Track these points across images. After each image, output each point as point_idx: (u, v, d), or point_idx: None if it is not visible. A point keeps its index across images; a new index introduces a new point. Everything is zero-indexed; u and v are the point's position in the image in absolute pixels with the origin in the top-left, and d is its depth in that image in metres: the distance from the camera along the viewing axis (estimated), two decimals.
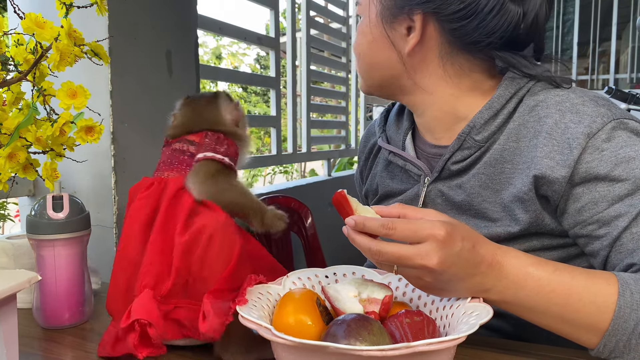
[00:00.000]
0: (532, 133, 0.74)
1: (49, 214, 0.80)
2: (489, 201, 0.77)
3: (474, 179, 0.78)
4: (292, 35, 2.61)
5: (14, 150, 0.76)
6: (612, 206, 0.68)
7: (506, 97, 0.77)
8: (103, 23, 1.17)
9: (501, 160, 0.76)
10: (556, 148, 0.71)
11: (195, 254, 0.68)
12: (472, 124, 0.77)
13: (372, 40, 0.82)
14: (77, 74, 0.83)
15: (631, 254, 0.67)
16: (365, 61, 0.84)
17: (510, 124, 0.76)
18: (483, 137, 0.77)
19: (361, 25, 0.83)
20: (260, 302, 0.63)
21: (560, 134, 0.71)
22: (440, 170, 0.81)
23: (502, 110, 0.77)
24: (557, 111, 0.73)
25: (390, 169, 0.93)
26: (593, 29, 5.38)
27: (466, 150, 0.78)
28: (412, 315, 0.58)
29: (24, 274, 0.63)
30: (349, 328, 0.53)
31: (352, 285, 0.63)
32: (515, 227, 0.74)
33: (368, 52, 0.83)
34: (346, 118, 3.37)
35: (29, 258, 0.87)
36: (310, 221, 2.45)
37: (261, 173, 6.21)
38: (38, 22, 0.73)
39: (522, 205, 0.73)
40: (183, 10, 1.45)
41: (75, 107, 0.78)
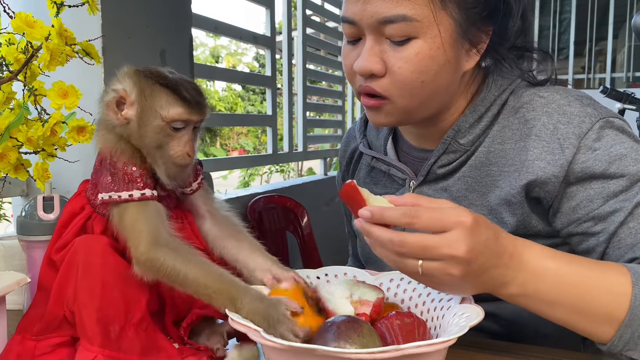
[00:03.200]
0: (517, 135, 0.74)
1: (40, 215, 0.79)
2: (476, 204, 0.76)
3: (459, 182, 0.78)
4: (288, 34, 2.61)
5: (4, 150, 0.76)
6: (607, 202, 0.69)
7: (490, 100, 0.76)
8: (96, 22, 1.16)
9: (487, 163, 0.76)
10: (546, 149, 0.71)
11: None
12: (457, 128, 0.76)
13: (445, 63, 0.69)
14: (70, 74, 0.83)
15: (632, 249, 0.67)
16: (427, 91, 0.71)
17: (495, 127, 0.76)
18: (468, 140, 0.76)
19: (423, 49, 0.68)
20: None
21: (549, 135, 0.71)
22: (425, 174, 0.80)
23: (486, 113, 0.76)
24: (544, 113, 0.73)
25: (374, 175, 0.91)
26: (590, 28, 5.38)
27: (452, 154, 0.77)
28: (402, 316, 0.58)
29: (13, 276, 0.63)
30: (338, 330, 0.53)
31: (343, 287, 0.63)
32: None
33: (436, 79, 0.70)
34: (343, 117, 3.37)
35: (19, 259, 0.87)
36: (306, 220, 2.45)
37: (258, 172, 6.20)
38: (28, 21, 0.72)
39: (510, 208, 0.73)
40: (177, 9, 1.45)
41: (66, 107, 0.78)
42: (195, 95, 0.65)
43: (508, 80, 0.77)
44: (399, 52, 0.68)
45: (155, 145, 0.65)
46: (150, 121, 0.64)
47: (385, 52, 0.69)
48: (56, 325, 0.64)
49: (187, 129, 0.65)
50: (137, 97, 0.64)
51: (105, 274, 0.62)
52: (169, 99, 0.64)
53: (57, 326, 0.64)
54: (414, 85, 0.69)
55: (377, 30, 0.68)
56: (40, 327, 0.64)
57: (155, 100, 0.63)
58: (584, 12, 5.31)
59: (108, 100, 0.65)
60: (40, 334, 0.64)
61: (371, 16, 0.67)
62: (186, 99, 0.64)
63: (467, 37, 0.71)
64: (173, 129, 0.64)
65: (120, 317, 0.62)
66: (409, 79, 0.69)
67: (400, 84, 0.69)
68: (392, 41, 0.68)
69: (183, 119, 0.64)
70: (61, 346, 0.64)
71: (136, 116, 0.64)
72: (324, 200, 2.75)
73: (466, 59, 0.73)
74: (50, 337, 0.64)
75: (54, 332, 0.64)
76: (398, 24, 0.66)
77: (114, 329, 0.61)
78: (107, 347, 0.60)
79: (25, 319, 0.66)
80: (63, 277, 0.64)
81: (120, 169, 0.65)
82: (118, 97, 0.64)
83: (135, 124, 0.64)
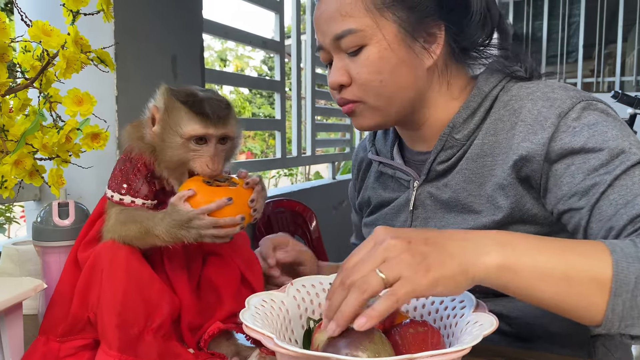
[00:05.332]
0: (508, 126, 0.78)
1: (55, 221, 0.80)
2: (474, 194, 0.79)
3: (458, 175, 0.81)
4: (297, 38, 2.61)
5: (20, 156, 0.76)
6: (588, 176, 0.70)
7: (481, 96, 0.80)
8: (109, 29, 1.18)
9: (482, 155, 0.79)
10: (530, 130, 0.74)
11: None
12: (452, 124, 0.80)
13: (397, 62, 0.76)
14: (83, 79, 0.84)
15: (610, 219, 0.67)
16: (390, 88, 0.78)
17: (488, 120, 0.80)
18: (463, 135, 0.80)
19: (372, 53, 0.76)
20: (264, 310, 0.62)
21: (533, 119, 0.75)
22: (427, 173, 0.84)
23: (478, 109, 0.80)
24: (529, 101, 0.77)
25: (382, 180, 0.95)
26: (599, 31, 5.36)
27: (449, 150, 0.81)
28: (416, 325, 0.58)
29: (30, 282, 0.64)
30: (351, 337, 0.53)
31: None
32: (498, 215, 0.76)
33: (392, 77, 0.77)
34: (350, 121, 3.36)
35: (34, 264, 0.88)
36: (314, 224, 2.45)
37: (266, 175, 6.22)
38: (45, 29, 0.73)
39: (503, 191, 0.76)
40: (189, 14, 1.46)
41: (81, 114, 0.79)
42: (217, 110, 0.66)
43: (498, 77, 0.81)
44: (355, 62, 0.77)
45: (176, 160, 0.66)
46: (171, 138, 0.65)
47: (347, 64, 0.78)
48: (80, 328, 0.65)
49: (209, 144, 0.66)
50: (162, 114, 0.66)
51: (129, 279, 0.63)
52: (186, 115, 0.65)
53: (81, 328, 0.65)
54: (374, 85, 0.77)
55: (337, 48, 0.78)
56: (64, 329, 0.65)
57: (174, 117, 0.65)
58: (593, 15, 5.29)
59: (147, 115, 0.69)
60: (64, 335, 0.65)
61: (329, 37, 0.78)
62: (203, 114, 0.65)
63: (415, 36, 0.77)
64: (195, 144, 0.65)
65: (140, 322, 0.63)
66: (368, 80, 0.77)
67: (364, 86, 0.78)
68: (349, 53, 0.78)
69: (199, 134, 0.65)
70: (84, 349, 0.65)
71: (160, 133, 0.66)
72: (333, 204, 2.75)
73: (424, 56, 0.78)
74: (74, 339, 0.65)
75: (78, 334, 0.65)
76: (347, 37, 0.76)
77: (132, 333, 0.62)
78: (125, 352, 0.61)
79: (47, 319, 0.67)
80: (87, 280, 0.65)
81: (127, 172, 0.67)
82: (151, 115, 0.67)
83: (159, 138, 0.66)
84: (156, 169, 0.68)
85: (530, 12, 5.46)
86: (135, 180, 0.67)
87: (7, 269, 0.90)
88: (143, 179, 0.68)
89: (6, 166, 0.75)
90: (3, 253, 0.91)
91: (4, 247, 0.91)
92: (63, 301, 0.67)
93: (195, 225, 0.62)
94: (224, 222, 0.63)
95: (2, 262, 0.91)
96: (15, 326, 0.63)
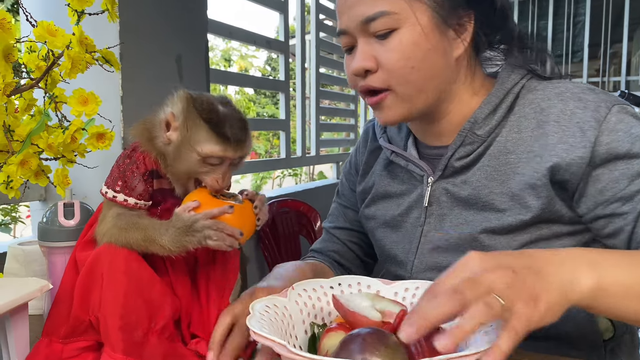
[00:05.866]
0: (534, 124, 0.77)
1: (60, 221, 0.80)
2: (496, 192, 0.78)
3: (479, 172, 0.79)
4: (301, 38, 2.61)
5: (26, 157, 0.76)
6: (633, 182, 0.70)
7: (503, 92, 0.79)
8: (114, 29, 1.17)
9: (504, 152, 0.78)
10: (567, 133, 0.73)
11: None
12: (473, 120, 0.79)
13: (430, 48, 0.74)
14: (88, 79, 0.84)
15: None
16: (420, 76, 0.75)
17: (511, 117, 0.79)
18: (485, 131, 0.79)
19: (404, 38, 0.73)
20: (268, 316, 0.61)
21: (567, 120, 0.74)
22: (443, 169, 0.82)
23: (500, 105, 0.79)
24: (559, 101, 0.76)
25: (391, 169, 0.92)
26: (604, 31, 5.33)
27: (469, 146, 0.80)
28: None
29: (36, 282, 0.64)
30: (364, 342, 0.52)
31: (365, 297, 0.62)
32: (527, 215, 0.75)
33: (424, 64, 0.74)
34: (355, 121, 3.37)
35: (39, 264, 0.88)
36: (319, 225, 2.45)
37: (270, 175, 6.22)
38: (50, 29, 0.73)
39: (534, 191, 0.75)
40: (193, 15, 1.46)
41: (86, 114, 0.79)
42: (237, 133, 0.66)
43: (519, 74, 0.81)
44: (385, 45, 0.74)
45: (186, 172, 0.66)
46: (187, 152, 0.65)
47: (375, 49, 0.75)
48: (82, 330, 0.65)
49: (224, 164, 0.67)
50: (180, 125, 0.65)
51: (129, 281, 0.63)
52: (207, 135, 0.65)
53: (83, 330, 0.65)
54: (404, 71, 0.74)
55: (364, 31, 0.75)
56: (67, 331, 0.65)
57: (194, 134, 0.65)
58: (598, 15, 5.26)
59: (161, 117, 0.67)
60: (66, 337, 0.65)
61: (356, 20, 0.74)
62: (225, 136, 0.65)
63: (448, 23, 0.75)
64: (210, 163, 0.66)
65: (144, 324, 0.63)
66: (398, 66, 0.74)
67: (392, 72, 0.75)
68: (378, 37, 0.74)
69: (218, 156, 0.65)
70: (87, 350, 0.65)
71: (176, 143, 0.65)
72: None
73: (454, 45, 0.77)
74: (77, 340, 0.65)
75: (80, 336, 0.65)
76: (379, 20, 0.73)
77: (137, 335, 0.62)
78: (129, 354, 0.60)
79: (50, 320, 0.67)
80: (86, 282, 0.64)
81: (124, 169, 0.67)
82: (166, 119, 0.66)
83: (174, 148, 0.66)
84: (161, 169, 0.68)
85: (536, 11, 5.44)
86: (132, 178, 0.67)
87: (12, 269, 0.90)
88: (140, 177, 0.67)
89: (12, 166, 0.75)
90: (9, 253, 0.91)
91: (9, 247, 0.91)
92: (65, 302, 0.67)
93: (198, 227, 0.62)
94: (225, 228, 0.63)
95: (8, 262, 0.91)
96: (21, 326, 0.63)
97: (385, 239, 0.91)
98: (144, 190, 0.68)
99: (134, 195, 0.67)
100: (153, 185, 0.69)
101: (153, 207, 0.70)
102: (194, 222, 0.62)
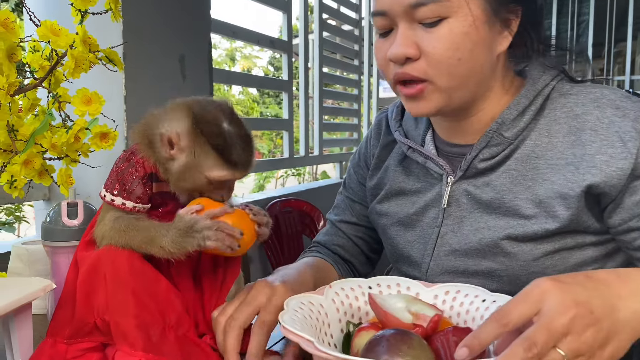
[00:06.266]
0: (565, 129, 0.74)
1: (64, 221, 0.80)
2: (521, 198, 0.75)
3: (504, 176, 0.76)
4: (304, 38, 2.61)
5: (29, 156, 0.76)
6: None
7: (534, 93, 0.76)
8: (117, 28, 1.18)
9: (532, 156, 0.75)
10: (606, 142, 0.70)
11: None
12: (501, 121, 0.76)
13: (478, 41, 0.71)
14: (91, 78, 0.84)
15: None
16: (465, 68, 0.71)
17: (541, 120, 0.76)
18: (512, 133, 0.76)
19: (455, 27, 0.69)
20: (302, 313, 0.61)
21: (605, 128, 0.71)
22: (465, 169, 0.79)
23: (529, 107, 0.76)
24: (595, 107, 0.73)
25: (406, 164, 0.88)
26: (608, 30, 5.31)
27: (494, 148, 0.76)
28: (460, 332, 0.56)
29: (39, 282, 0.64)
30: (388, 343, 0.52)
31: (400, 299, 0.62)
32: (553, 224, 0.73)
33: (471, 56, 0.71)
34: (358, 120, 3.36)
35: (43, 264, 0.88)
36: (322, 224, 2.44)
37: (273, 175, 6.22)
38: (54, 29, 0.73)
39: (565, 202, 0.72)
40: (197, 14, 1.46)
41: (90, 114, 0.79)
42: (244, 156, 0.66)
43: (550, 75, 0.77)
44: (431, 34, 0.70)
45: (191, 190, 0.67)
46: (194, 174, 0.65)
47: (418, 36, 0.71)
48: (87, 331, 0.65)
49: (230, 183, 0.68)
50: (187, 148, 0.65)
51: (136, 280, 0.63)
52: (216, 162, 0.65)
53: (87, 332, 0.65)
54: (450, 62, 0.70)
55: (409, 16, 0.70)
56: (71, 332, 0.65)
57: (202, 160, 0.65)
58: (602, 14, 5.24)
59: (161, 132, 0.66)
60: (71, 337, 0.65)
61: (402, 3, 0.69)
62: (233, 162, 0.65)
63: (497, 17, 0.72)
64: (216, 183, 0.66)
65: (158, 320, 0.63)
66: (445, 57, 0.70)
67: (437, 63, 0.70)
68: (425, 24, 0.70)
69: (226, 179, 0.66)
70: (91, 351, 0.65)
71: (182, 164, 0.65)
72: None
73: (499, 40, 0.74)
74: (81, 341, 0.65)
75: (85, 337, 0.65)
76: (429, 6, 0.68)
77: (154, 333, 0.62)
78: (150, 351, 0.61)
79: (54, 321, 0.67)
80: (88, 284, 0.64)
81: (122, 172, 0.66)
82: (169, 137, 0.65)
83: (179, 168, 0.65)
84: (160, 174, 0.68)
85: None
86: (130, 181, 0.66)
87: (16, 269, 0.90)
88: (139, 180, 0.67)
89: (16, 166, 0.75)
90: (13, 253, 0.91)
91: (13, 247, 0.91)
92: (69, 303, 0.67)
93: (198, 227, 0.62)
94: (225, 227, 0.63)
95: (12, 261, 0.91)
96: (25, 326, 0.63)
97: (398, 238, 0.88)
98: (142, 193, 0.67)
99: (132, 198, 0.67)
100: (152, 188, 0.69)
101: (153, 210, 0.70)
102: (194, 223, 0.62)
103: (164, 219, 0.69)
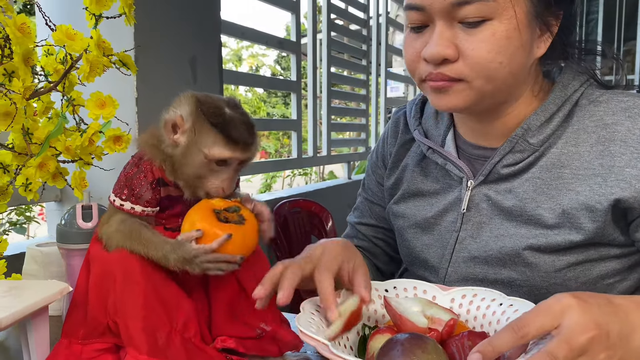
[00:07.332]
0: (594, 138, 0.72)
1: (79, 224, 0.80)
2: (544, 207, 0.73)
3: (527, 183, 0.74)
4: (313, 38, 2.61)
5: (44, 159, 0.77)
6: None
7: (562, 100, 0.74)
8: (129, 31, 1.18)
9: (558, 165, 0.73)
10: (637, 155, 0.69)
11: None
12: (527, 127, 0.74)
13: (519, 45, 0.68)
14: (103, 81, 0.84)
15: None
16: (505, 72, 0.69)
17: (569, 128, 0.74)
18: (538, 140, 0.74)
19: (499, 30, 0.66)
20: (319, 315, 0.62)
21: (636, 140, 0.69)
22: (487, 174, 0.77)
23: (557, 113, 0.74)
24: (626, 118, 0.71)
25: (424, 165, 0.86)
26: (617, 28, 5.27)
27: (518, 154, 0.75)
28: (475, 337, 0.56)
29: (56, 285, 0.64)
30: (402, 347, 0.52)
31: (416, 302, 0.62)
32: (577, 236, 0.71)
33: (511, 60, 0.68)
34: (366, 121, 3.36)
35: (57, 266, 0.88)
36: (330, 225, 2.44)
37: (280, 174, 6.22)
38: (69, 33, 0.74)
39: (591, 214, 0.70)
40: (207, 16, 1.46)
41: (103, 117, 0.79)
42: (244, 135, 0.65)
43: (579, 81, 0.76)
44: (473, 35, 0.67)
45: (193, 175, 0.66)
46: (194, 155, 0.65)
47: (457, 36, 0.68)
48: (100, 332, 0.66)
49: (230, 166, 0.67)
50: (189, 129, 0.65)
51: (147, 283, 0.64)
52: (215, 138, 0.64)
53: (101, 333, 0.66)
54: (491, 66, 0.67)
55: (449, 14, 0.67)
56: (85, 332, 0.66)
57: (202, 137, 0.64)
58: (611, 12, 5.21)
59: (166, 118, 0.66)
60: (85, 338, 0.66)
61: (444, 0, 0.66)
62: (232, 139, 0.64)
63: (540, 20, 0.70)
64: (217, 165, 0.66)
65: (165, 324, 0.63)
66: (486, 60, 0.67)
67: (478, 65, 0.67)
68: (465, 24, 0.67)
69: (226, 158, 0.65)
70: (105, 352, 0.66)
71: (183, 146, 0.65)
72: (349, 204, 2.73)
73: (537, 44, 0.72)
74: (95, 342, 0.66)
75: (99, 337, 0.66)
76: (474, 5, 0.65)
77: (160, 337, 0.62)
78: (155, 355, 0.61)
79: (68, 322, 0.68)
80: (100, 286, 0.65)
81: (131, 177, 0.67)
82: (173, 121, 0.65)
83: (181, 151, 0.66)
84: (167, 175, 0.68)
85: None
86: (139, 186, 0.67)
87: (31, 270, 0.91)
88: (148, 185, 0.67)
89: (30, 169, 0.76)
90: (27, 254, 0.92)
91: (28, 249, 0.92)
92: (82, 304, 0.67)
93: (198, 261, 0.64)
94: (224, 258, 0.64)
95: (27, 263, 0.91)
96: (42, 329, 0.64)
97: (415, 241, 0.86)
98: (152, 197, 0.68)
99: (141, 202, 0.67)
100: (160, 192, 0.69)
101: (160, 212, 0.70)
102: (194, 257, 0.63)
103: (169, 221, 0.69)
